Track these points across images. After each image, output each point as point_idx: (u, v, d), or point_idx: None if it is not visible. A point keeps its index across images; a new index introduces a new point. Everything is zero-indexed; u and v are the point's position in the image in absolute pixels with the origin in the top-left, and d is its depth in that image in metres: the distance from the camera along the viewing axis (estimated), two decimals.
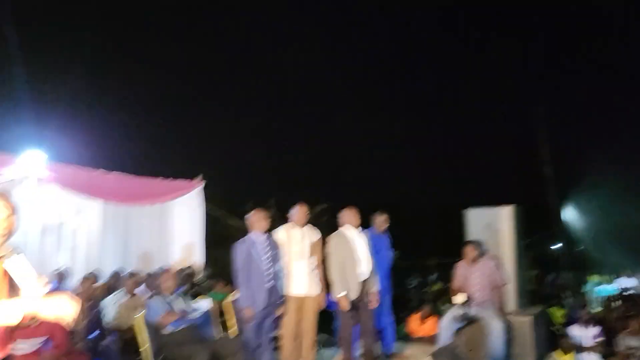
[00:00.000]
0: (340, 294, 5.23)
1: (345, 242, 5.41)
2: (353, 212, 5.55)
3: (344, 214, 5.57)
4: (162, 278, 4.79)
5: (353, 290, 5.29)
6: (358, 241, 5.47)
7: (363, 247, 5.46)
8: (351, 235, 5.48)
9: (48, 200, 6.70)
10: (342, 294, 5.23)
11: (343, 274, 5.31)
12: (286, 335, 5.15)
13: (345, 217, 5.56)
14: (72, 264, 6.87)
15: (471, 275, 5.81)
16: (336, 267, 5.32)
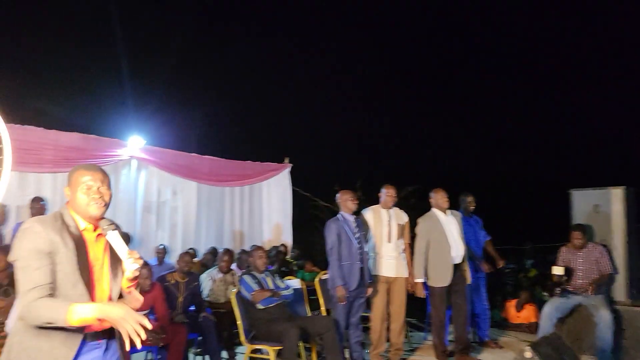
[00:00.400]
0: (418, 279, 5.10)
1: (435, 225, 5.24)
2: (442, 193, 5.37)
3: (433, 196, 5.40)
4: (254, 256, 4.89)
5: (445, 275, 5.13)
6: (449, 224, 5.28)
7: (454, 230, 5.27)
8: (442, 218, 5.30)
9: (149, 181, 7.12)
10: (420, 280, 5.09)
11: (434, 257, 5.16)
12: (375, 316, 5.10)
13: (434, 198, 5.39)
14: (171, 241, 7.28)
15: (576, 261, 5.41)
16: (422, 250, 5.18)
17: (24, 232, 1.92)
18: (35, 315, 1.81)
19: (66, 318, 1.78)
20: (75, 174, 2.08)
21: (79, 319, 1.81)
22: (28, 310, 1.81)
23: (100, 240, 2.09)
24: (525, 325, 6.95)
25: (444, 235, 5.20)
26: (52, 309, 1.80)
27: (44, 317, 1.80)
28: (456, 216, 5.43)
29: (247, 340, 4.55)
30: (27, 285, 1.84)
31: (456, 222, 5.34)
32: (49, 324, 1.80)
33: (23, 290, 1.85)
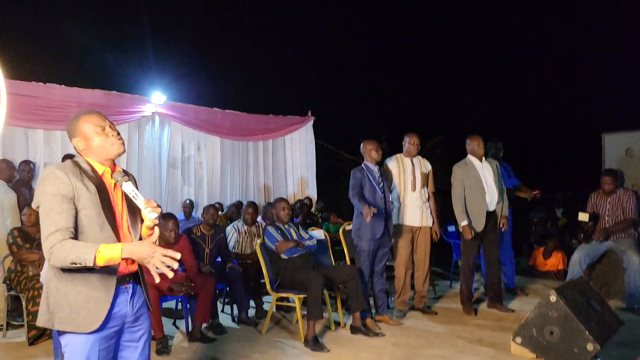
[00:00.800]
0: (463, 223, 5.06)
1: (469, 171, 5.17)
2: (478, 140, 5.27)
3: (469, 142, 5.30)
4: (277, 208, 4.92)
5: (478, 221, 5.08)
6: (484, 170, 5.20)
7: (489, 177, 5.18)
8: (477, 165, 5.21)
9: (173, 137, 7.17)
10: (464, 222, 5.06)
11: (468, 204, 5.12)
12: (400, 265, 5.13)
13: (470, 145, 5.30)
14: (197, 196, 7.39)
15: (604, 207, 5.29)
16: (460, 196, 5.15)
17: (45, 178, 1.92)
18: (61, 257, 1.81)
19: (94, 257, 1.79)
20: (80, 121, 2.04)
21: (106, 258, 1.81)
22: (52, 252, 1.83)
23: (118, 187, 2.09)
24: (553, 273, 6.92)
25: (479, 182, 5.14)
26: (78, 250, 1.81)
27: (69, 257, 1.80)
28: (492, 163, 5.32)
29: (272, 289, 4.64)
30: (50, 228, 1.85)
31: (492, 169, 5.24)
32: (74, 264, 1.81)
33: (46, 233, 1.86)
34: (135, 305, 2.10)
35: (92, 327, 1.92)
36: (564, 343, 3.51)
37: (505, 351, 3.98)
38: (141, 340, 2.14)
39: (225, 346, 4.27)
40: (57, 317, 1.92)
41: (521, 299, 5.76)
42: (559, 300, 3.57)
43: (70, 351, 1.95)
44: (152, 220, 2.03)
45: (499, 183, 5.25)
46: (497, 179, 5.26)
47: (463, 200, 5.14)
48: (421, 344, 4.25)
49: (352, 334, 4.54)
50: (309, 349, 4.13)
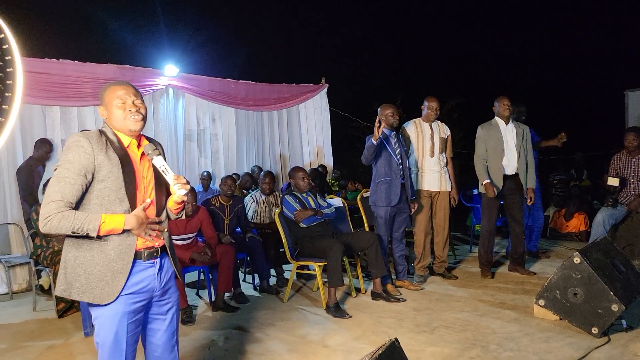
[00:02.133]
0: (485, 181, 5.01)
1: (492, 132, 5.08)
2: (504, 101, 5.15)
3: (495, 104, 5.22)
4: (295, 177, 4.90)
5: (495, 183, 5.02)
6: (507, 133, 5.11)
7: (512, 140, 5.09)
8: (502, 126, 5.11)
9: (188, 109, 7.15)
10: (487, 180, 5.00)
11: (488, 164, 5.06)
12: (419, 230, 5.11)
13: (496, 107, 5.21)
14: (214, 167, 7.42)
15: (630, 168, 5.17)
16: (481, 156, 5.11)
17: (70, 145, 1.92)
18: (61, 225, 1.83)
19: (97, 227, 1.87)
20: (107, 90, 2.05)
21: (108, 230, 1.91)
22: (50, 219, 1.83)
23: (145, 159, 2.09)
24: (575, 234, 6.85)
25: (500, 144, 5.07)
26: (81, 220, 1.85)
27: (70, 227, 1.84)
28: (519, 127, 5.19)
29: (292, 258, 4.67)
30: (56, 195, 1.86)
31: (516, 133, 5.13)
32: (75, 233, 1.86)
33: (50, 198, 1.86)
34: (163, 279, 2.11)
35: (108, 299, 1.94)
36: (588, 304, 3.48)
37: (528, 313, 3.97)
38: (169, 313, 2.16)
39: (248, 314, 4.34)
40: (74, 287, 1.95)
41: (543, 262, 5.72)
42: (582, 262, 3.52)
43: (100, 324, 1.99)
44: (181, 196, 2.06)
45: (522, 148, 5.13)
46: (522, 143, 5.14)
47: (484, 161, 5.09)
48: (442, 308, 4.26)
49: (373, 299, 4.57)
50: (330, 316, 4.18)
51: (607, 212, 5.24)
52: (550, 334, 3.58)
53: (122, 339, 1.98)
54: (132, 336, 2.02)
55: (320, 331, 3.85)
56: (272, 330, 3.91)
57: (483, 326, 3.79)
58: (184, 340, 3.74)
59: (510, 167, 5.10)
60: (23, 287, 5.49)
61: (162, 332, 2.15)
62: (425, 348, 3.43)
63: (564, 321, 3.68)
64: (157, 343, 2.16)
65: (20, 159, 5.63)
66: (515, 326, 3.76)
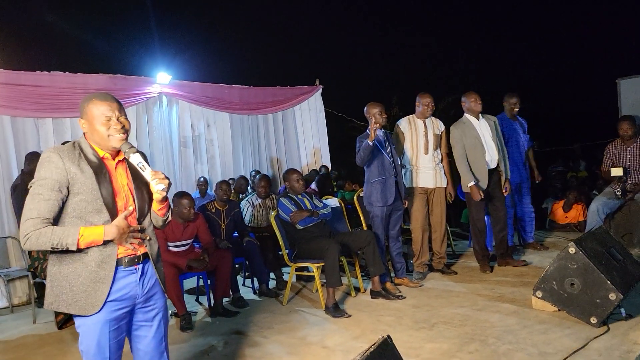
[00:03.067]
0: (470, 183, 4.99)
1: (467, 130, 5.05)
2: (474, 96, 5.12)
3: (465, 100, 5.16)
4: (291, 180, 4.89)
5: (481, 180, 5.02)
6: (482, 128, 5.08)
7: (488, 135, 5.07)
8: (474, 122, 5.09)
9: (182, 116, 7.15)
10: (472, 183, 4.98)
11: (471, 163, 5.03)
12: (416, 227, 5.10)
13: (466, 102, 5.17)
14: (211, 173, 7.42)
15: (626, 157, 5.16)
16: (462, 156, 5.05)
17: (42, 161, 1.92)
18: (40, 242, 1.84)
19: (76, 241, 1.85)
20: (90, 104, 2.00)
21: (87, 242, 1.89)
22: (28, 237, 1.84)
23: (121, 167, 2.07)
24: (574, 225, 6.84)
25: (478, 140, 5.03)
26: (59, 235, 1.84)
27: (48, 242, 1.84)
28: (490, 120, 5.19)
29: (290, 260, 4.66)
30: (32, 212, 1.86)
31: (489, 126, 5.11)
32: (55, 248, 1.85)
33: (26, 216, 1.86)
34: (146, 285, 2.10)
35: (92, 310, 1.94)
36: (585, 294, 3.47)
37: (527, 306, 3.96)
38: (155, 319, 2.15)
39: (247, 318, 4.34)
40: (61, 300, 1.95)
41: (541, 253, 5.71)
42: (578, 252, 3.51)
43: (83, 332, 1.99)
44: (160, 191, 2.02)
45: (497, 139, 5.12)
46: (496, 135, 5.13)
47: (466, 160, 5.02)
48: (441, 304, 4.25)
49: (373, 298, 4.57)
50: (329, 316, 4.17)
51: (602, 201, 5.23)
52: (548, 325, 3.57)
53: (105, 346, 1.98)
54: (115, 343, 2.01)
55: (319, 332, 3.85)
56: (271, 333, 3.91)
57: (482, 320, 3.78)
58: (183, 346, 3.74)
59: (492, 161, 5.07)
60: (23, 300, 5.49)
61: (150, 339, 2.14)
62: (424, 344, 3.42)
63: (563, 312, 3.67)
64: (145, 350, 2.15)
65: (15, 172, 5.63)
66: (514, 319, 3.75)
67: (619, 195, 5.10)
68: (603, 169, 5.43)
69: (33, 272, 4.83)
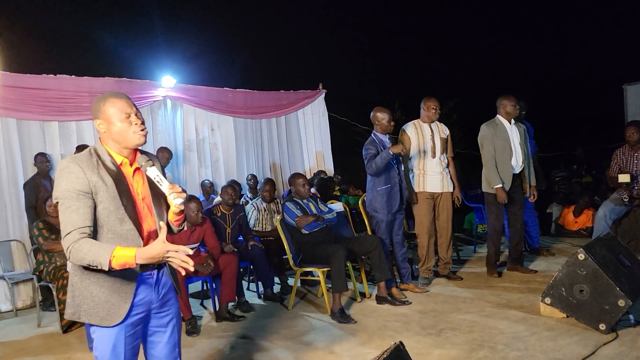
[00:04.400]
0: (497, 185, 4.97)
1: (499, 132, 5.05)
2: (513, 101, 5.08)
3: (502, 102, 5.11)
4: (297, 184, 4.88)
5: (505, 183, 5.00)
6: (512, 133, 5.09)
7: (517, 140, 5.07)
8: (507, 126, 5.09)
9: (186, 119, 7.15)
10: (499, 185, 4.96)
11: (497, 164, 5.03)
12: (422, 232, 5.09)
13: (503, 105, 5.11)
14: (215, 177, 7.40)
15: (633, 162, 5.15)
16: (491, 157, 5.04)
17: (61, 172, 1.89)
18: (78, 257, 1.82)
19: (109, 262, 1.78)
20: (107, 103, 1.97)
21: (121, 263, 1.80)
22: (70, 251, 1.83)
23: (138, 174, 2.05)
24: (583, 230, 6.82)
25: (507, 143, 5.03)
26: (94, 252, 1.80)
27: (85, 259, 1.81)
28: (520, 127, 5.19)
29: (295, 264, 4.65)
30: (67, 227, 1.84)
31: (519, 132, 5.13)
32: (91, 266, 1.82)
33: (64, 232, 1.85)
34: (161, 291, 2.09)
35: (115, 321, 1.93)
36: (594, 300, 3.46)
37: (535, 312, 3.95)
38: (169, 325, 2.13)
39: (253, 323, 4.32)
40: (82, 310, 1.93)
41: (547, 260, 5.70)
42: (587, 258, 3.50)
43: (98, 337, 1.97)
44: (177, 205, 2.00)
45: (525, 147, 5.14)
46: (524, 142, 5.14)
47: (494, 161, 5.00)
48: (448, 310, 4.24)
49: (378, 304, 4.55)
50: (336, 322, 4.15)
51: (609, 207, 5.22)
52: (557, 332, 3.56)
53: (121, 352, 1.96)
54: (130, 349, 2.00)
55: (326, 337, 3.83)
56: (277, 338, 3.89)
57: (490, 327, 3.76)
58: (190, 351, 3.72)
59: (517, 167, 5.09)
60: (27, 303, 5.48)
61: (163, 344, 2.13)
62: (432, 351, 3.40)
63: (571, 318, 3.66)
64: (159, 356, 2.13)
65: (20, 175, 5.63)
66: (522, 325, 3.73)
67: (626, 201, 5.09)
68: (610, 174, 5.41)
69: (38, 276, 4.82)
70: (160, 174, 1.99)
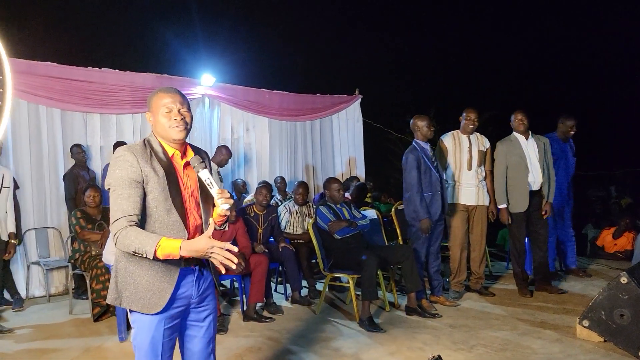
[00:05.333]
0: (501, 205, 4.89)
1: (513, 149, 4.96)
2: (519, 115, 5.06)
3: (513, 119, 5.10)
4: (332, 189, 4.86)
5: (521, 201, 4.89)
6: (528, 148, 4.98)
7: (534, 155, 4.96)
8: (522, 141, 5.00)
9: (223, 118, 7.22)
10: (503, 205, 4.90)
11: (510, 181, 4.94)
12: (455, 245, 5.00)
13: (512, 121, 5.12)
14: (247, 176, 7.45)
15: None
16: (502, 175, 4.98)
17: (116, 160, 1.94)
18: (125, 244, 1.85)
19: (154, 252, 1.82)
20: (155, 97, 2.04)
21: (166, 253, 1.84)
22: (118, 237, 1.87)
23: (189, 168, 2.08)
24: (619, 253, 6.60)
25: (522, 159, 4.94)
26: (140, 241, 1.83)
27: (132, 246, 1.84)
28: (540, 140, 5.08)
29: (326, 269, 4.62)
30: (116, 214, 1.89)
31: (537, 146, 5.01)
32: (136, 253, 1.85)
33: (113, 218, 1.90)
34: (202, 286, 2.10)
35: (156, 309, 1.95)
36: (635, 326, 3.33)
37: (570, 334, 3.82)
38: (206, 320, 2.14)
39: (280, 325, 4.31)
40: (124, 296, 1.96)
41: (583, 281, 5.52)
42: (630, 282, 3.38)
43: (138, 327, 1.99)
44: (224, 211, 2.02)
45: (544, 162, 5.01)
46: (544, 157, 5.02)
47: (504, 180, 4.96)
48: (480, 326, 4.14)
49: (408, 315, 4.48)
50: (364, 330, 4.11)
51: None
52: (594, 355, 3.43)
53: (158, 343, 1.98)
54: (168, 341, 2.01)
55: (354, 345, 3.79)
56: (305, 342, 3.87)
57: (523, 346, 3.65)
58: (217, 349, 3.72)
59: (535, 183, 4.97)
60: (60, 290, 5.61)
61: (199, 339, 2.14)
62: None
63: (609, 343, 3.52)
64: (194, 350, 2.15)
65: (61, 164, 5.77)
66: (558, 347, 3.61)
67: None
68: None
69: (73, 264, 4.92)
70: (211, 177, 2.01)
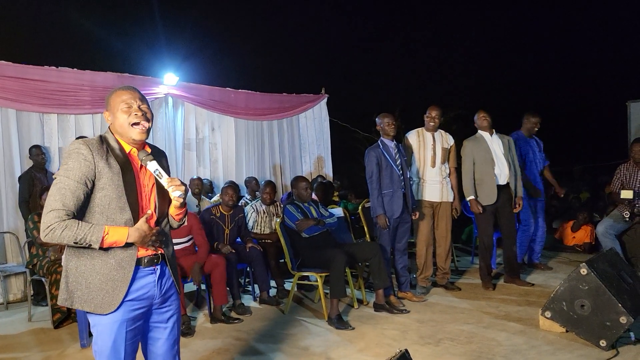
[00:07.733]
0: (469, 197, 5.03)
1: (479, 145, 5.09)
2: (481, 114, 5.27)
3: (476, 118, 5.25)
4: (299, 188, 4.84)
5: (490, 194, 5.01)
6: (493, 144, 5.12)
7: (499, 150, 5.09)
8: (487, 138, 5.13)
9: (187, 118, 7.09)
10: (471, 197, 5.04)
11: (477, 176, 5.07)
12: (420, 241, 5.05)
13: (476, 120, 5.30)
14: (213, 177, 7.35)
15: (636, 179, 5.15)
16: (469, 171, 5.12)
17: (70, 152, 1.86)
18: (64, 235, 1.77)
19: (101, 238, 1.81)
20: (113, 95, 1.99)
21: (111, 242, 1.85)
22: (52, 228, 1.77)
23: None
24: (579, 246, 6.81)
25: (489, 154, 5.08)
26: (84, 230, 1.79)
27: (73, 237, 1.78)
28: (503, 138, 5.22)
29: (294, 269, 4.60)
30: (56, 203, 1.79)
31: (502, 143, 5.15)
32: (76, 244, 1.80)
33: (51, 206, 1.80)
34: (164, 286, 2.05)
35: (109, 309, 1.89)
36: (595, 316, 3.43)
37: (534, 325, 3.91)
38: (170, 321, 2.10)
39: (248, 326, 4.26)
40: (76, 297, 1.90)
41: (545, 274, 5.67)
42: (590, 273, 3.47)
43: (98, 331, 1.93)
44: (177, 198, 2.00)
45: (509, 157, 5.16)
46: (508, 153, 5.17)
47: (472, 175, 5.11)
48: (446, 320, 4.19)
49: (376, 311, 4.50)
50: (332, 327, 4.10)
51: (609, 224, 5.21)
52: (557, 346, 3.52)
53: (121, 347, 1.92)
54: (130, 344, 1.95)
55: (322, 343, 3.78)
56: (273, 342, 3.83)
57: (488, 338, 3.72)
58: (183, 352, 3.64)
59: (502, 177, 5.10)
60: (18, 297, 5.40)
61: (163, 340, 2.09)
62: None
63: (571, 333, 3.62)
64: (158, 352, 2.10)
65: (17, 166, 5.56)
66: (522, 338, 3.69)
67: (627, 218, 5.08)
68: (611, 189, 5.40)
69: (31, 269, 4.74)
70: (159, 168, 1.97)
